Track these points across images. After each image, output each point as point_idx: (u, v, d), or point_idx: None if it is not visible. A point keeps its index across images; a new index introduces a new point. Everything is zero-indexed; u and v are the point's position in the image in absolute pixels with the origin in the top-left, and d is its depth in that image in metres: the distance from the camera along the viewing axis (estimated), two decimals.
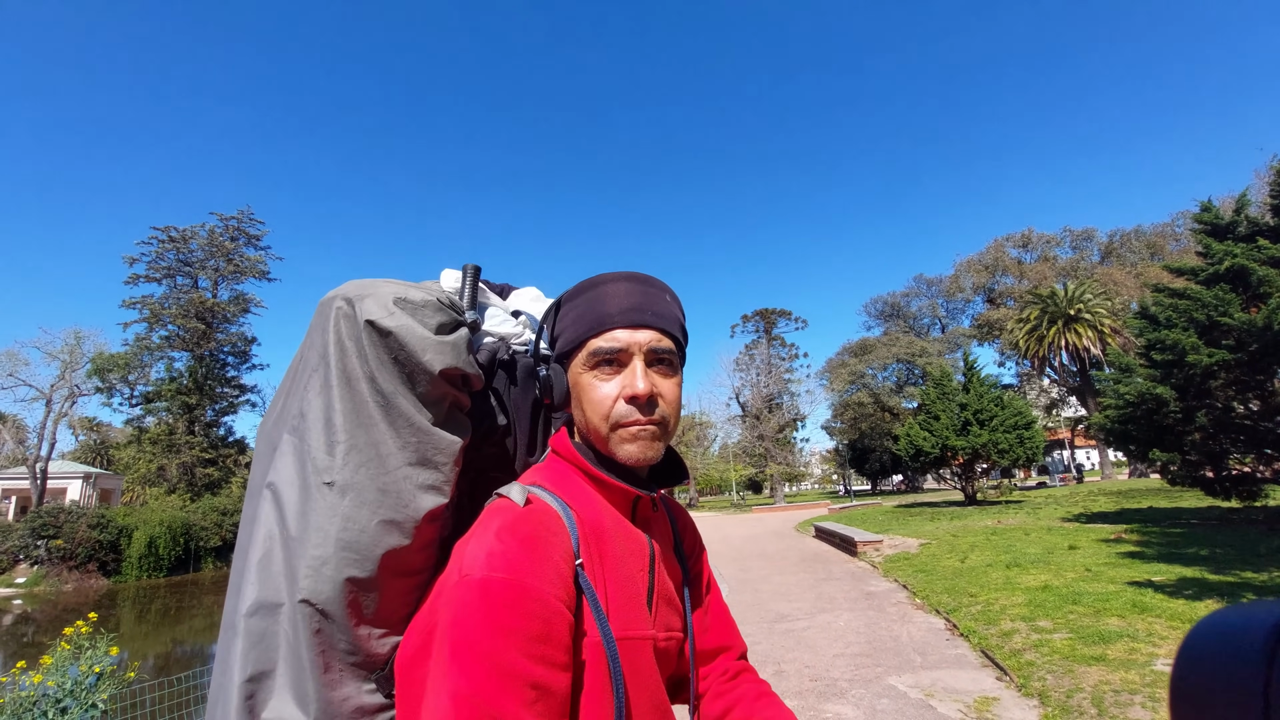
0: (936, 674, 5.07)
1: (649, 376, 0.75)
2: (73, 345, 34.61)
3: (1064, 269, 43.99)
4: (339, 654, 0.69)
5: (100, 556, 26.44)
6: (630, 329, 0.76)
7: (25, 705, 3.72)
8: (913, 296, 53.68)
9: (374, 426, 0.73)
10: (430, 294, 0.79)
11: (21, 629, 19.09)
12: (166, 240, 39.72)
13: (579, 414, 0.78)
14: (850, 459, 55.15)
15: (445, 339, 0.76)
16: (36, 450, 33.34)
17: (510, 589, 0.60)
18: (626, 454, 0.75)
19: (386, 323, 0.74)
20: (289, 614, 0.68)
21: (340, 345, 0.75)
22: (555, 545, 0.67)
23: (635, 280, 0.80)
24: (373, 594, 0.70)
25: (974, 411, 21.32)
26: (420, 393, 0.75)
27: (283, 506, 0.72)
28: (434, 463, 0.75)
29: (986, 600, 7.08)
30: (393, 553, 0.71)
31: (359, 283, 0.79)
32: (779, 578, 10.80)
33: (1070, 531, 12.52)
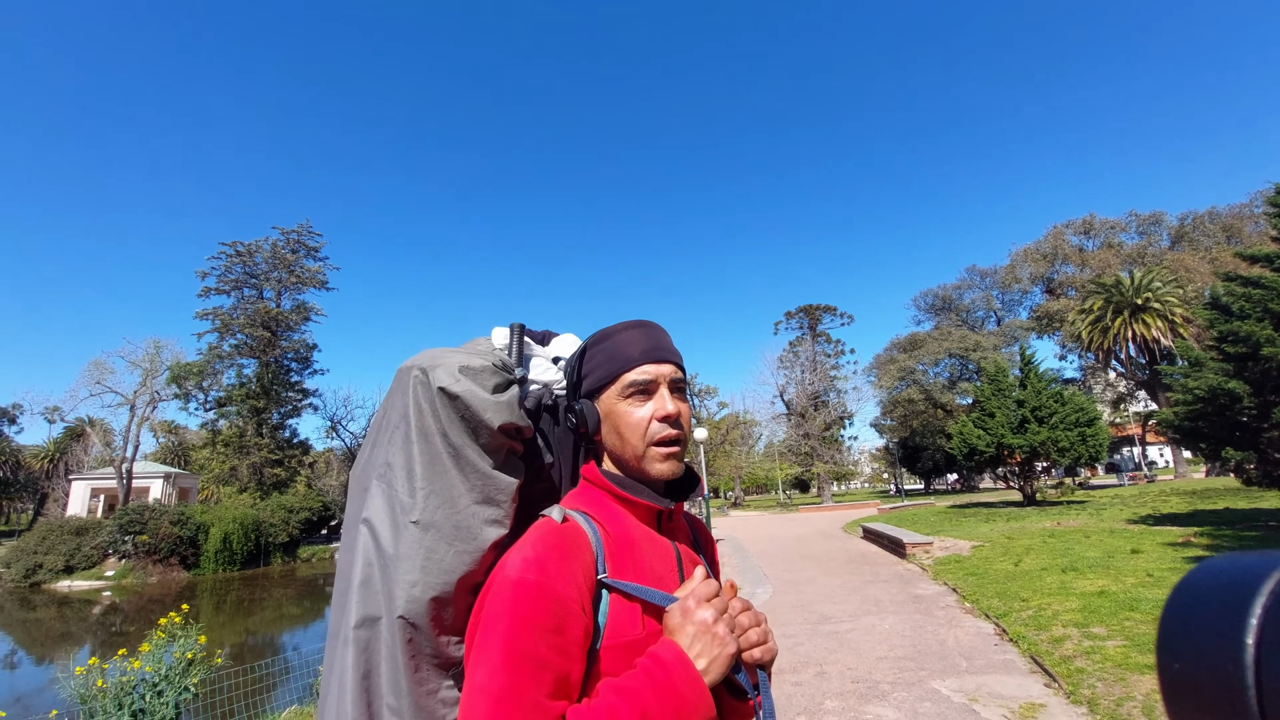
0: (982, 679, 5.03)
1: (673, 399, 0.95)
2: (152, 354, 37.17)
3: (1130, 256, 41.60)
4: (425, 657, 0.87)
5: (181, 551, 28.32)
6: (656, 364, 0.95)
7: (125, 689, 4.15)
8: (965, 288, 51.75)
9: (447, 473, 0.91)
10: (486, 359, 0.97)
11: (111, 619, 20.67)
12: (234, 254, 42.18)
13: (614, 438, 0.94)
14: (901, 457, 53.67)
15: (501, 398, 0.93)
16: (123, 452, 35.97)
17: (536, 588, 0.76)
18: (659, 471, 0.92)
19: (454, 388, 0.91)
20: (387, 626, 0.86)
21: (418, 407, 0.93)
22: (579, 557, 0.83)
23: (647, 326, 1.01)
24: (450, 609, 0.87)
25: (1032, 408, 20.48)
26: (483, 443, 0.92)
27: (378, 539, 0.91)
28: (496, 501, 0.92)
29: (1039, 605, 6.91)
30: (465, 576, 0.88)
31: (430, 353, 0.99)
32: (824, 579, 10.74)
33: (1135, 534, 11.96)
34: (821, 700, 4.82)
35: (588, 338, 1.02)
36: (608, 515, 0.92)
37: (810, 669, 5.64)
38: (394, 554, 0.88)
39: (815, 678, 5.39)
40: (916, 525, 17.56)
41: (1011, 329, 45.70)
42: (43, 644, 17.46)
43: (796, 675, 5.48)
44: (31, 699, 10.25)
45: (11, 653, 16.88)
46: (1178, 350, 15.95)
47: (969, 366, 44.59)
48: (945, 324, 49.77)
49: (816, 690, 5.05)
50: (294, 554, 33.20)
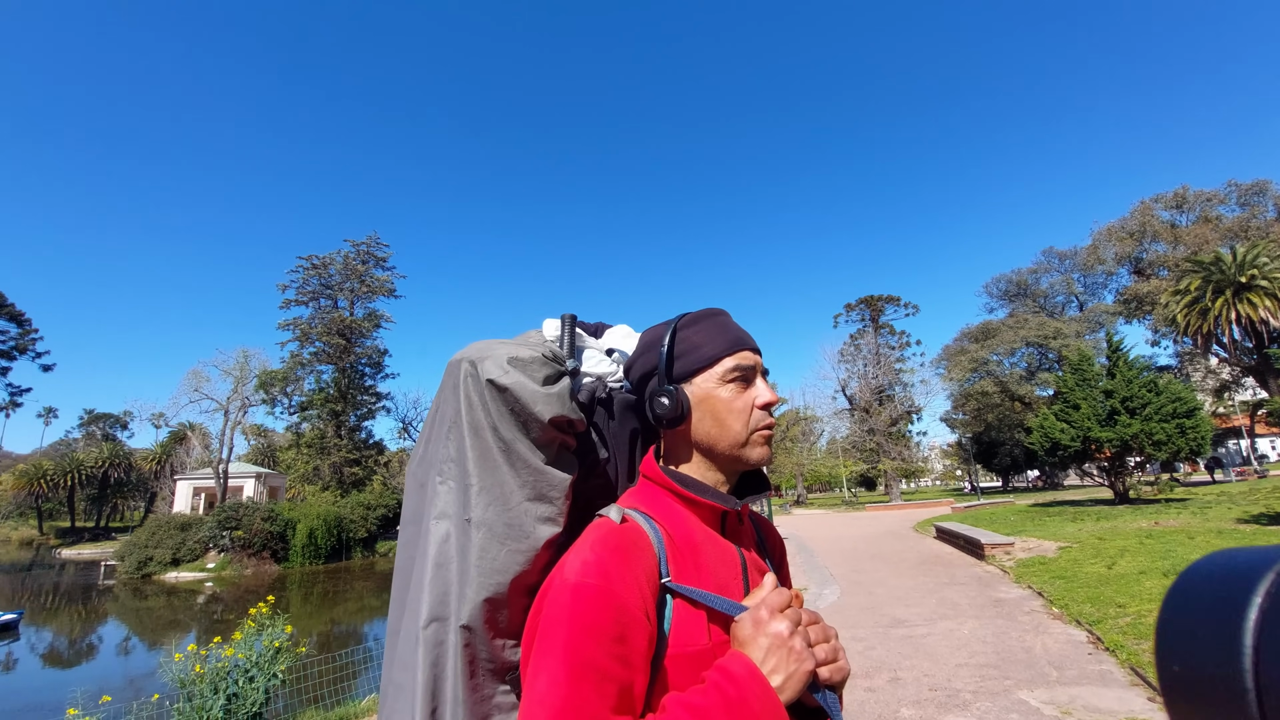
0: (1075, 690, 4.68)
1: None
2: (242, 363, 40.03)
3: (1230, 230, 37.89)
4: (481, 662, 0.84)
5: (271, 545, 30.34)
6: (753, 351, 0.93)
7: (220, 674, 4.44)
8: (1042, 273, 48.47)
9: (498, 469, 0.87)
10: (536, 350, 0.93)
11: (213, 607, 22.36)
12: (310, 267, 44.74)
13: (708, 425, 0.89)
14: (975, 453, 51.01)
15: (551, 390, 0.89)
16: (219, 454, 38.91)
17: (597, 593, 0.71)
18: (760, 455, 0.90)
19: (503, 380, 0.88)
20: (453, 627, 0.84)
21: (468, 401, 0.91)
22: (641, 561, 0.78)
23: (729, 315, 0.99)
24: (504, 611, 0.84)
25: (1122, 399, 19.01)
26: (534, 438, 0.88)
27: (439, 538, 0.89)
28: (548, 497, 0.88)
29: (1138, 612, 6.39)
30: (519, 576, 0.84)
31: (479, 345, 0.96)
32: (896, 581, 10.32)
33: (1246, 535, 10.90)
34: (897, 708, 4.61)
35: (677, 320, 0.97)
36: (669, 515, 0.87)
37: (883, 674, 5.41)
38: (452, 553, 0.87)
39: (889, 684, 5.16)
40: (995, 525, 16.63)
41: (1095, 314, 42.51)
42: (154, 630, 19.08)
43: (869, 681, 5.27)
44: (142, 681, 11.18)
45: (126, 639, 18.54)
46: None
47: (1048, 356, 41.82)
48: (1021, 311, 46.82)
49: (891, 697, 4.84)
50: (372, 549, 34.94)
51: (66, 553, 43.94)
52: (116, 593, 26.68)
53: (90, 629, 20.29)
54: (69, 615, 22.69)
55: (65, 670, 15.41)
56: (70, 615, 22.69)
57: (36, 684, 13.40)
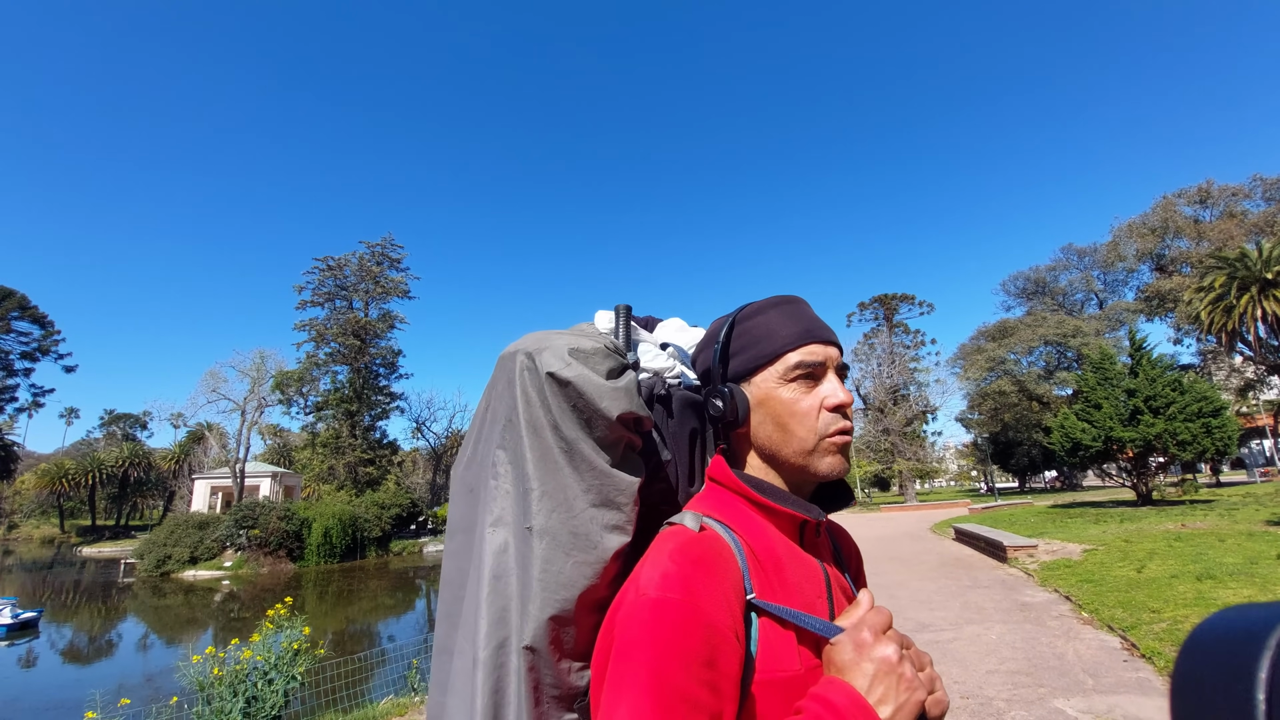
0: (1113, 699, 4.51)
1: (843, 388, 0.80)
2: (258, 364, 40.45)
3: (1256, 225, 37.06)
4: (546, 687, 0.75)
5: (287, 544, 30.60)
6: (824, 344, 0.81)
7: (240, 676, 4.40)
8: (1061, 270, 47.71)
9: (560, 472, 0.78)
10: (598, 342, 0.84)
11: (230, 605, 22.56)
12: (325, 269, 45.14)
13: (770, 429, 0.79)
14: (992, 453, 50.37)
15: (618, 384, 0.80)
16: (236, 453, 39.33)
17: (682, 610, 0.62)
18: (830, 466, 0.78)
19: (565, 373, 0.79)
20: (515, 649, 0.75)
21: (526, 397, 0.81)
22: (726, 574, 0.69)
23: (803, 302, 0.86)
24: (571, 630, 0.76)
25: (1145, 398, 18.61)
26: (598, 437, 0.79)
27: (495, 548, 0.80)
28: (616, 503, 0.79)
29: (1173, 617, 6.18)
30: (586, 591, 0.76)
31: (535, 336, 0.86)
32: (917, 583, 10.14)
33: (1278, 537, 10.59)
34: None
35: (736, 311, 0.87)
36: (746, 525, 0.77)
37: None
38: (513, 565, 0.78)
39: None
40: (1015, 526, 16.34)
41: (1116, 312, 41.79)
42: (171, 628, 19.29)
43: None
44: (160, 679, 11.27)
45: (144, 636, 18.73)
46: None
47: (1067, 354, 41.17)
48: (1039, 309, 46.13)
49: None
50: (386, 548, 35.16)
51: (87, 551, 44.63)
52: (135, 590, 27.01)
53: (109, 626, 20.54)
54: (89, 613, 22.99)
55: (85, 667, 15.58)
56: (90, 613, 22.99)
57: (58, 681, 13.56)
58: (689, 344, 0.98)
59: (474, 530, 0.85)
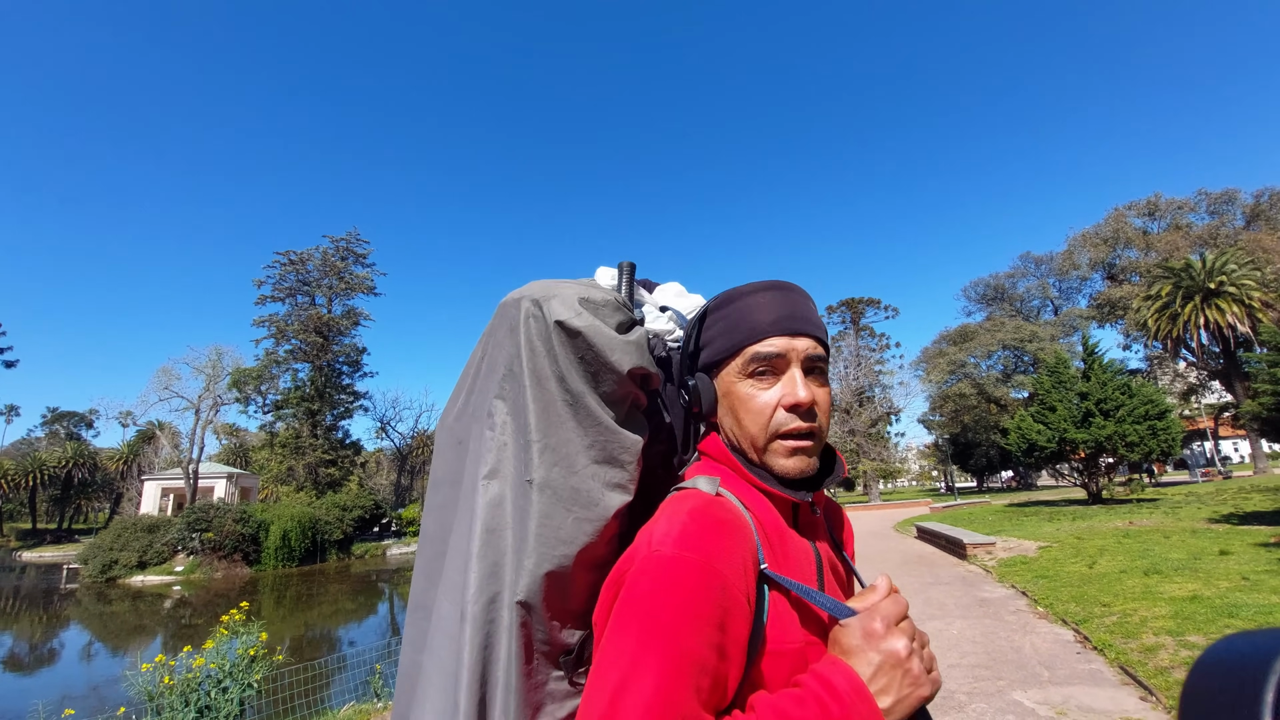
0: (1068, 690, 4.67)
1: (807, 384, 0.75)
2: (215, 360, 38.98)
3: (1200, 237, 39.03)
4: (538, 644, 0.74)
5: (243, 548, 29.57)
6: (788, 336, 0.76)
7: (192, 685, 4.22)
8: (1019, 277, 49.50)
9: (564, 425, 0.76)
10: (607, 294, 0.81)
11: (181, 612, 21.69)
12: (287, 263, 43.77)
13: (731, 423, 0.78)
14: (952, 454, 51.84)
15: (630, 338, 0.78)
16: (189, 454, 37.83)
17: (701, 571, 0.60)
18: (783, 468, 0.75)
19: (575, 323, 0.76)
20: (507, 603, 0.73)
21: (530, 345, 0.78)
22: (743, 541, 0.67)
23: (784, 289, 0.81)
24: (566, 587, 0.74)
25: (1096, 401, 19.39)
26: (604, 392, 0.77)
27: (490, 500, 0.77)
28: (619, 461, 0.77)
29: (1123, 610, 6.43)
30: (586, 548, 0.73)
31: (542, 284, 0.82)
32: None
33: (1219, 534, 11.13)
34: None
35: (712, 299, 0.84)
36: (748, 497, 0.75)
37: None
38: (506, 519, 0.75)
39: None
40: (974, 525, 16.83)
41: (1070, 318, 43.49)
42: (118, 636, 18.43)
43: None
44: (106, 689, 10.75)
45: (89, 644, 17.88)
46: (1262, 336, 14.82)
47: (1024, 358, 42.67)
48: (998, 314, 47.76)
49: None
50: (348, 551, 34.27)
51: (27, 555, 42.40)
52: (79, 597, 25.75)
53: (51, 635, 19.54)
54: (29, 620, 21.84)
55: (26, 677, 14.78)
56: (31, 620, 21.84)
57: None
58: (688, 309, 0.96)
59: (460, 483, 0.82)
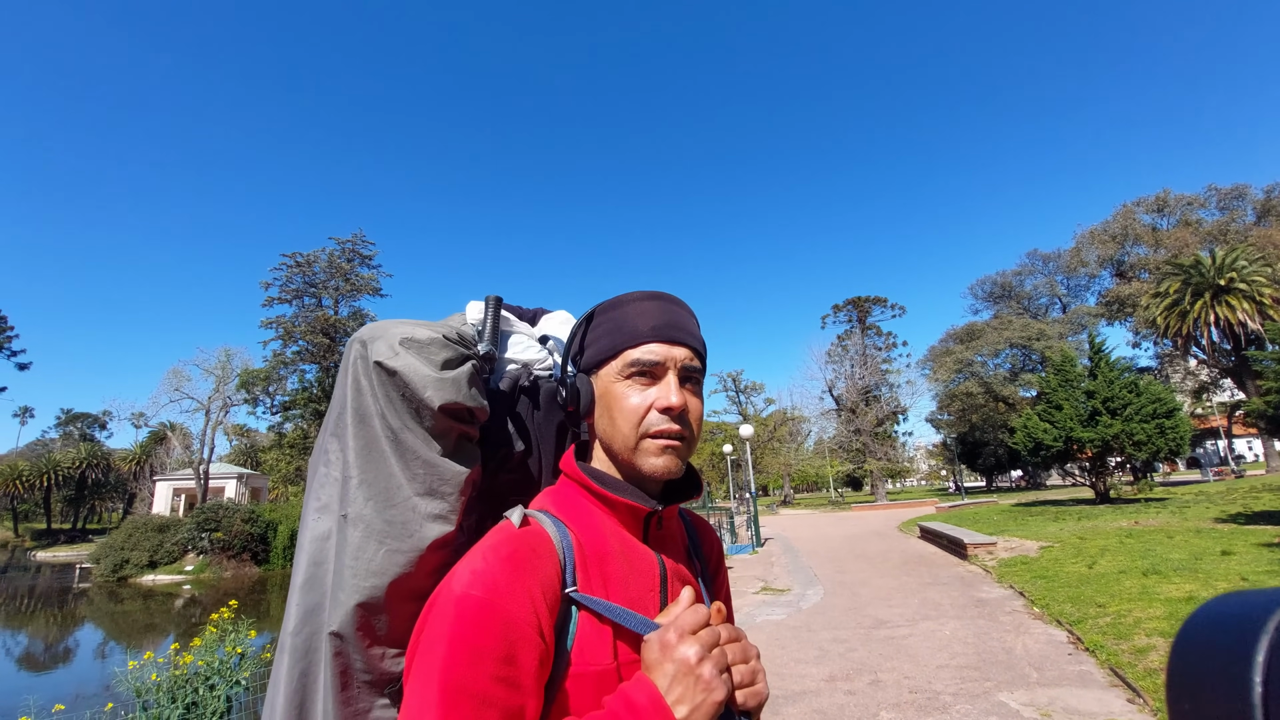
0: (1055, 692, 4.65)
1: (681, 391, 0.78)
2: (224, 362, 39.38)
3: (1210, 234, 38.56)
4: (356, 673, 0.75)
5: (252, 548, 29.81)
6: (667, 344, 0.79)
7: (179, 683, 4.27)
8: (1026, 274, 49.07)
9: (384, 460, 0.79)
10: (437, 331, 0.84)
11: (191, 611, 21.91)
12: (294, 265, 44.08)
13: (605, 423, 0.80)
14: (960, 453, 51.48)
15: (446, 375, 0.80)
16: (199, 454, 38.24)
17: (481, 608, 0.63)
18: (653, 466, 0.77)
19: (392, 363, 0.79)
20: (325, 635, 0.75)
21: (356, 385, 0.82)
22: (539, 569, 0.69)
23: (666, 299, 0.84)
24: (382, 617, 0.75)
25: (1103, 399, 19.21)
26: (427, 426, 0.80)
27: (316, 535, 0.81)
28: (440, 493, 0.79)
29: (1118, 611, 6.39)
30: (399, 579, 0.76)
31: (376, 325, 0.86)
32: (879, 581, 10.31)
33: (1224, 534, 11.01)
34: (877, 711, 4.56)
35: (597, 304, 0.87)
36: (581, 517, 0.77)
37: (864, 677, 5.36)
38: (331, 552, 0.79)
39: (870, 686, 5.11)
40: (978, 525, 16.73)
41: (1078, 316, 43.07)
42: (129, 634, 18.66)
43: (850, 683, 5.21)
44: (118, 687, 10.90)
45: (101, 643, 18.13)
46: (1269, 333, 14.62)
47: (1032, 357, 42.28)
48: (1005, 313, 47.35)
49: (871, 700, 4.78)
50: None
51: (42, 555, 43.01)
52: (91, 596, 26.10)
53: (64, 633, 19.82)
54: (43, 619, 22.16)
55: (38, 675, 15.00)
56: (44, 619, 22.16)
57: (8, 688, 13.03)
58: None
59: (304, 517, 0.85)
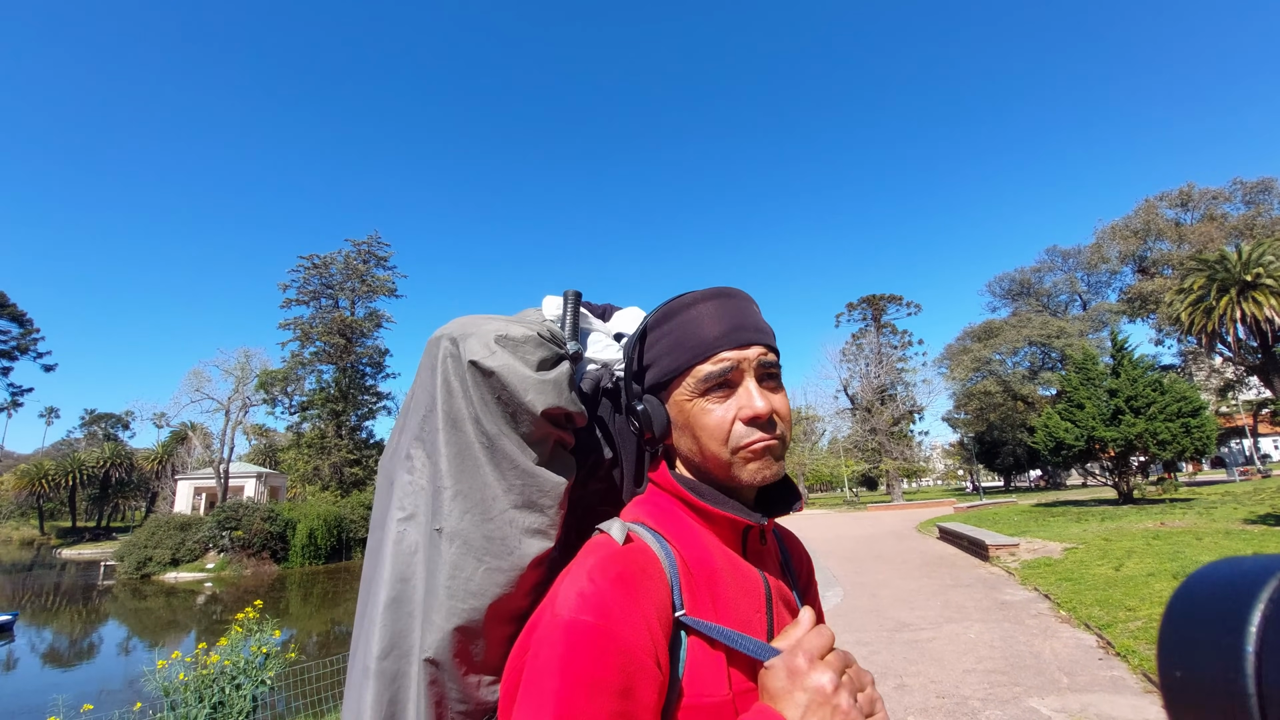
0: (1088, 698, 4.54)
1: (764, 394, 0.73)
2: (243, 363, 39.92)
3: (1236, 228, 37.69)
4: (450, 703, 0.70)
5: (271, 546, 30.23)
6: (738, 349, 0.73)
7: (206, 682, 4.31)
8: (1045, 271, 48.28)
9: (479, 470, 0.73)
10: (531, 329, 0.77)
11: (212, 608, 22.25)
12: (311, 267, 44.65)
13: (689, 443, 0.75)
14: (978, 453, 50.82)
15: (547, 376, 0.75)
16: (220, 454, 38.82)
17: (597, 636, 0.57)
18: (751, 475, 0.72)
19: (489, 363, 0.73)
20: (416, 660, 0.70)
21: (447, 386, 0.76)
22: (651, 591, 0.63)
23: (725, 296, 0.78)
24: (480, 642, 0.71)
25: (1126, 398, 18.83)
26: (524, 433, 0.74)
27: (403, 549, 0.75)
28: (539, 505, 0.74)
29: (1148, 616, 6.24)
30: (499, 600, 0.70)
31: (463, 320, 0.80)
32: (899, 582, 10.19)
33: (1255, 536, 10.75)
34: (904, 716, 4.48)
35: (650, 313, 0.81)
36: (681, 532, 0.72)
37: (889, 681, 5.28)
38: (420, 569, 0.73)
39: (895, 691, 5.03)
40: (998, 525, 16.49)
41: (1099, 313, 42.32)
42: (153, 631, 18.99)
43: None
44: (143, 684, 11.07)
45: (125, 639, 18.45)
46: None
47: (1052, 355, 41.62)
48: (1024, 310, 46.62)
49: (897, 705, 4.71)
50: None
51: (67, 553, 43.88)
52: (116, 593, 26.60)
53: (89, 630, 20.21)
54: (68, 616, 22.60)
55: (64, 671, 15.31)
56: (69, 616, 22.60)
57: (35, 685, 13.30)
58: None
59: (384, 526, 0.79)
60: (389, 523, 0.78)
